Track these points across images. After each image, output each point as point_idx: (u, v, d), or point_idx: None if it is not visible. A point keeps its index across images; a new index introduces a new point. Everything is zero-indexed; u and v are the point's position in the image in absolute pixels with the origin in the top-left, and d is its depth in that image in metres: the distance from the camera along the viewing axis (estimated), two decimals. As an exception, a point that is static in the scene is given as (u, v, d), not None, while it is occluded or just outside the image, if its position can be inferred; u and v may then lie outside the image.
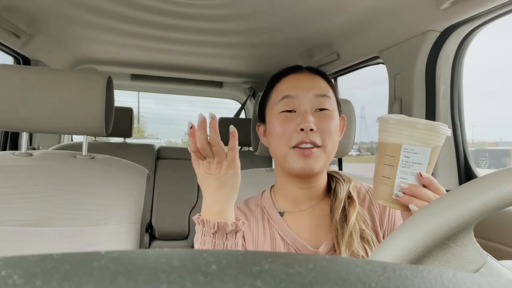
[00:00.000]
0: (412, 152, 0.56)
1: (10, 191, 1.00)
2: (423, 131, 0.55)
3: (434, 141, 0.56)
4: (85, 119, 1.03)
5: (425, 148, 0.56)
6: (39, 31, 1.65)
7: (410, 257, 0.35)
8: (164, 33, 1.69)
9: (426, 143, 0.56)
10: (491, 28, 1.24)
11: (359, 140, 25.78)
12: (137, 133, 18.20)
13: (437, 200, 0.37)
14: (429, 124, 0.55)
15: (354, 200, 0.75)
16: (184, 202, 2.25)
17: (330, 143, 0.73)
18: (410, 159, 0.56)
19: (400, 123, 0.56)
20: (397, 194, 0.57)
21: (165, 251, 0.16)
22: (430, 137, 0.56)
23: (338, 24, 1.47)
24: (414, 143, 0.56)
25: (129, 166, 1.14)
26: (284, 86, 0.76)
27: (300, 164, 0.71)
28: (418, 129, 0.55)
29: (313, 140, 0.70)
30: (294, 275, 0.14)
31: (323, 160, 0.72)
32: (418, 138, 0.55)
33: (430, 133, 0.55)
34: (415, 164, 0.56)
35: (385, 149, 0.58)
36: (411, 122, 0.56)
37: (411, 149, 0.56)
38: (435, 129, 0.55)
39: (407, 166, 0.56)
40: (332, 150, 0.74)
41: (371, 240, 0.71)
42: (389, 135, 0.57)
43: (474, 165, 1.33)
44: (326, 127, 0.72)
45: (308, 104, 0.73)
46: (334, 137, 0.74)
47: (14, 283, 0.12)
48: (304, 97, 0.73)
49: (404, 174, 0.56)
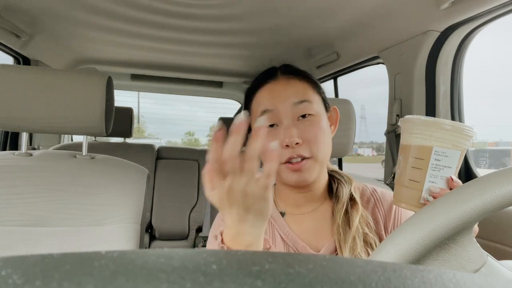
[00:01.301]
0: (443, 155, 0.54)
1: (10, 191, 1.00)
2: (453, 133, 0.54)
3: (463, 144, 0.54)
4: (85, 119, 1.03)
5: (455, 151, 0.54)
6: (39, 31, 1.65)
7: (410, 257, 0.35)
8: (164, 33, 1.69)
9: (456, 145, 0.54)
10: (491, 28, 1.24)
11: (359, 140, 25.72)
12: (137, 133, 18.22)
13: (437, 200, 0.37)
14: (456, 126, 0.54)
15: (356, 202, 0.73)
16: (184, 202, 2.25)
17: (320, 151, 0.69)
18: (440, 162, 0.54)
19: (427, 124, 0.54)
20: (427, 198, 0.54)
21: (165, 251, 0.16)
22: (460, 139, 0.54)
23: (338, 24, 1.47)
24: (444, 145, 0.54)
25: (129, 166, 1.14)
26: (261, 98, 0.73)
27: (294, 178, 0.69)
28: (448, 131, 0.53)
29: (301, 154, 0.68)
30: (294, 275, 0.14)
31: (315, 169, 0.70)
32: (448, 140, 0.54)
33: (459, 135, 0.54)
34: (445, 168, 0.54)
35: (413, 152, 0.56)
36: (438, 123, 0.54)
37: (442, 152, 0.54)
38: (463, 131, 0.54)
39: (437, 170, 0.54)
40: (324, 157, 0.71)
41: (374, 244, 0.69)
42: (416, 137, 0.55)
43: (474, 165, 1.33)
44: (312, 137, 0.69)
45: (289, 115, 0.69)
46: (323, 143, 0.71)
47: (14, 283, 0.12)
48: (283, 109, 0.70)
49: (434, 178, 0.55)
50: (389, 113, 1.49)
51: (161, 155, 2.35)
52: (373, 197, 0.78)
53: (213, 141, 0.48)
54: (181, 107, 26.89)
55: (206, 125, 23.99)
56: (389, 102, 1.49)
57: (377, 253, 0.36)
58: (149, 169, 1.55)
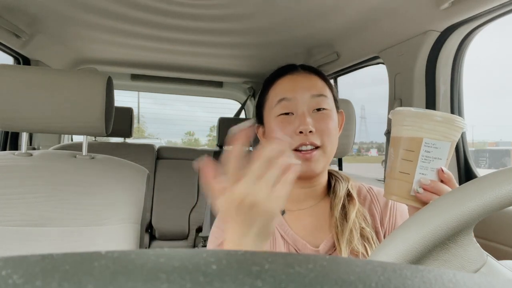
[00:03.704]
0: (433, 146, 0.53)
1: (10, 191, 1.00)
2: (443, 124, 0.53)
3: (453, 135, 0.54)
4: (85, 119, 1.03)
5: (446, 142, 0.54)
6: (39, 31, 1.65)
7: (410, 257, 0.35)
8: (164, 33, 1.69)
9: (447, 137, 0.54)
10: (492, 28, 1.24)
11: (359, 140, 25.79)
12: (137, 133, 18.24)
13: (437, 200, 0.37)
14: (447, 117, 0.53)
15: (353, 197, 0.75)
16: (184, 202, 2.25)
17: (330, 143, 0.73)
18: (430, 154, 0.54)
19: (417, 116, 0.54)
20: (417, 190, 0.54)
21: (165, 251, 0.16)
22: (451, 131, 0.54)
23: (338, 24, 1.47)
24: (435, 137, 0.53)
25: (129, 166, 1.14)
26: (280, 88, 0.76)
27: (302, 166, 0.71)
28: (439, 123, 0.53)
29: (313, 142, 0.70)
30: (294, 275, 0.14)
31: (323, 161, 0.73)
32: (439, 132, 0.53)
33: (450, 126, 0.53)
34: (435, 159, 0.54)
35: (403, 144, 0.55)
36: (429, 114, 0.53)
37: (432, 143, 0.53)
38: (455, 122, 0.53)
39: (427, 161, 0.54)
40: (331, 150, 0.74)
41: (371, 238, 0.71)
42: (407, 129, 0.55)
43: (474, 165, 1.33)
44: (324, 128, 0.72)
45: (306, 105, 0.73)
46: (333, 136, 0.74)
47: (14, 283, 0.12)
48: (301, 99, 0.73)
49: (424, 170, 0.54)
50: (389, 113, 1.49)
51: (161, 155, 2.35)
52: (369, 194, 0.80)
53: (233, 144, 0.46)
54: (181, 107, 26.90)
55: (206, 125, 24.02)
56: (389, 102, 1.49)
57: (377, 253, 0.36)
58: (149, 169, 1.55)
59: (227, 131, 0.53)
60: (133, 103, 17.69)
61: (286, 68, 0.79)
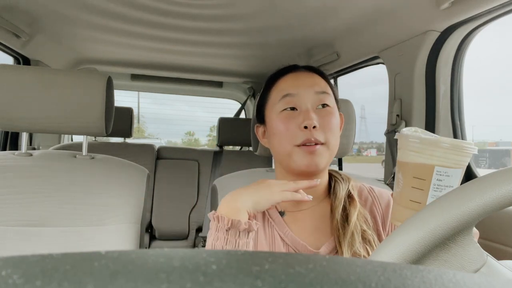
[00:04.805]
0: (445, 174, 0.51)
1: (10, 191, 1.00)
2: (454, 151, 0.51)
3: (464, 161, 0.52)
4: (85, 119, 1.03)
5: (457, 169, 0.51)
6: (39, 31, 1.65)
7: (410, 257, 0.35)
8: (164, 33, 1.69)
9: (458, 164, 0.51)
10: (492, 28, 1.24)
11: (359, 140, 25.77)
12: (137, 133, 18.22)
13: (437, 200, 0.37)
14: (456, 144, 0.51)
15: (354, 199, 0.75)
16: (184, 202, 2.25)
17: (333, 139, 0.73)
18: (442, 182, 0.51)
19: (426, 143, 0.51)
20: None
21: (165, 251, 0.16)
22: (461, 157, 0.51)
23: (338, 24, 1.47)
24: (447, 164, 0.51)
25: (129, 166, 1.14)
26: (283, 84, 0.76)
27: (306, 160, 0.71)
28: (449, 150, 0.51)
29: (317, 139, 0.70)
30: (294, 275, 0.14)
31: (326, 156, 0.73)
32: (450, 159, 0.51)
33: (460, 153, 0.51)
34: (447, 187, 0.51)
35: (413, 171, 0.53)
36: (437, 141, 0.51)
37: (444, 171, 0.51)
38: (464, 148, 0.51)
39: (439, 190, 0.51)
40: (334, 147, 0.74)
41: (372, 240, 0.70)
42: (418, 155, 0.52)
43: (474, 165, 1.33)
44: (328, 124, 0.72)
45: (309, 101, 0.73)
46: (336, 133, 0.75)
47: (14, 283, 0.12)
48: (305, 95, 0.73)
49: (435, 199, 0.53)
50: (389, 113, 1.49)
51: (161, 155, 2.35)
52: (370, 195, 0.80)
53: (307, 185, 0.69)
54: (181, 107, 26.88)
55: (206, 125, 24.00)
56: (389, 102, 1.49)
57: (377, 253, 0.36)
58: (149, 169, 1.55)
59: (227, 131, 0.56)
60: (133, 103, 17.68)
61: (289, 67, 0.80)
